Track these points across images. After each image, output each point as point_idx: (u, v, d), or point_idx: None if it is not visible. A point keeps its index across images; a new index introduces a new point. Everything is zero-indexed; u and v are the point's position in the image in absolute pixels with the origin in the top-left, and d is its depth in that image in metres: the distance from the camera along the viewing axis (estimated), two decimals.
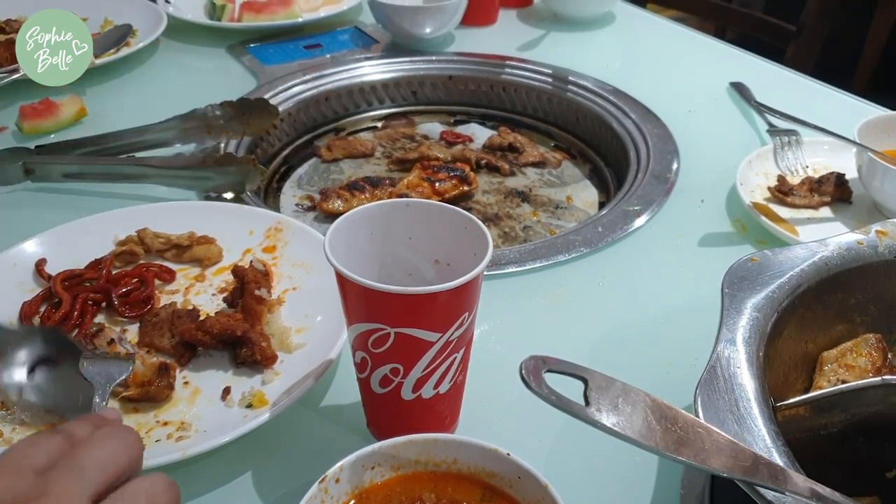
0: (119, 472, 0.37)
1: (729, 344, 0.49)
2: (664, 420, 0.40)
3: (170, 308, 0.70)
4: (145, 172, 0.90)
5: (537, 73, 1.23)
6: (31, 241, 0.76)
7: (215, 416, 0.60)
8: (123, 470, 0.38)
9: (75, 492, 0.35)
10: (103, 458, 0.37)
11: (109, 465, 0.37)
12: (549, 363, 0.41)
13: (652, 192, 0.92)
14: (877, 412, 0.54)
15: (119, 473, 0.37)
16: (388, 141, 1.16)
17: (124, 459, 0.38)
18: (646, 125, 1.07)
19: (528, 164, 1.09)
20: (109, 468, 0.37)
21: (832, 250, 0.57)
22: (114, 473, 0.37)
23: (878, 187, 0.85)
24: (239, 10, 1.34)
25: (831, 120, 0.95)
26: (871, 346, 0.58)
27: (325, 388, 0.65)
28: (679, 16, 2.24)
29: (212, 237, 0.79)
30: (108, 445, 0.38)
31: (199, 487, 0.57)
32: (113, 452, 0.38)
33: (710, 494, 0.55)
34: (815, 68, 1.56)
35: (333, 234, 0.53)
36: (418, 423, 0.56)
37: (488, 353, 0.68)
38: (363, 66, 1.24)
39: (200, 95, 1.03)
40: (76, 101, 1.07)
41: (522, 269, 0.79)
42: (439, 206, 0.57)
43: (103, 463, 0.37)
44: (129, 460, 0.38)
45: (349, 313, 0.54)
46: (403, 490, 0.48)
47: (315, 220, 0.97)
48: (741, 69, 1.24)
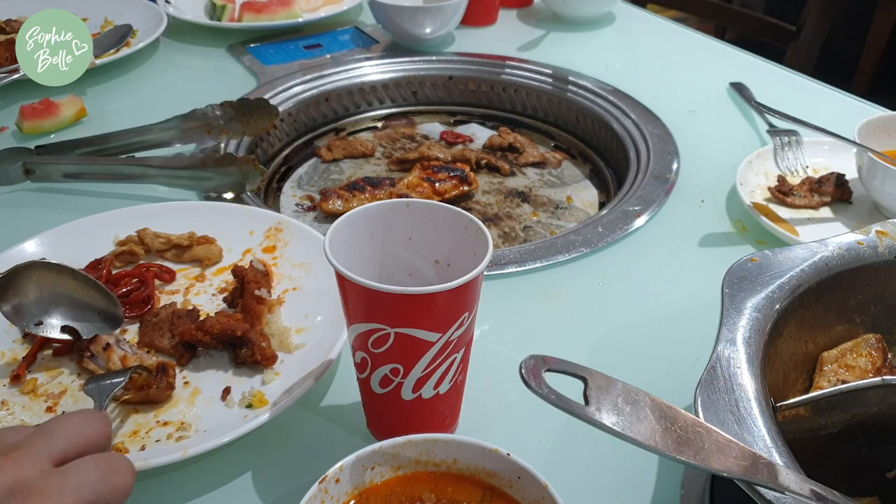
0: (85, 443, 0.41)
1: (729, 344, 0.49)
2: (664, 420, 0.40)
3: (170, 308, 0.70)
4: (145, 172, 0.90)
5: (537, 73, 1.23)
6: (31, 241, 0.76)
7: (215, 417, 0.60)
8: (90, 441, 0.41)
9: (42, 450, 0.38)
10: (70, 427, 0.41)
11: (76, 434, 0.40)
12: (548, 363, 0.41)
13: (652, 193, 0.92)
14: (877, 412, 0.54)
15: (85, 443, 0.41)
16: (388, 141, 1.16)
17: (91, 431, 0.41)
18: (646, 125, 1.07)
19: (528, 165, 1.09)
20: (76, 436, 0.40)
21: (832, 250, 0.57)
22: (81, 442, 0.40)
23: (878, 187, 0.85)
24: (239, 10, 1.34)
25: (831, 120, 0.95)
26: (871, 346, 0.58)
27: (325, 388, 0.65)
28: (679, 16, 2.24)
29: (212, 237, 0.79)
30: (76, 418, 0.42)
31: (199, 487, 0.57)
32: (81, 423, 0.41)
33: (711, 494, 0.55)
34: (815, 68, 1.57)
35: (333, 234, 0.53)
36: (418, 424, 0.56)
37: (488, 353, 0.68)
38: (363, 66, 1.24)
39: (200, 95, 1.04)
40: (76, 101, 1.07)
41: (522, 270, 0.79)
42: (439, 206, 0.57)
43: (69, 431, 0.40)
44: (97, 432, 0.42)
45: (349, 313, 0.54)
46: (403, 490, 0.48)
47: (315, 220, 0.97)
48: (741, 69, 1.24)
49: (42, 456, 0.38)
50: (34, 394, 0.63)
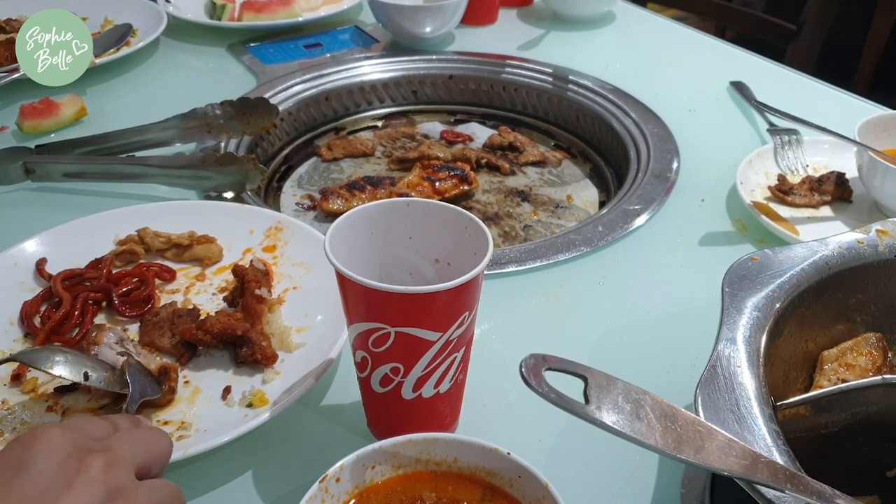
0: (157, 456, 0.43)
1: (729, 343, 0.49)
2: (664, 418, 0.40)
3: (170, 308, 0.70)
4: (145, 172, 0.90)
5: (537, 72, 1.23)
6: (31, 241, 0.76)
7: (215, 416, 0.60)
8: (160, 456, 0.43)
9: (128, 456, 0.40)
10: (147, 440, 0.43)
11: (151, 448, 0.43)
12: (549, 361, 0.41)
13: (652, 192, 0.92)
14: (877, 412, 0.54)
15: (157, 457, 0.43)
16: (388, 140, 1.16)
17: (162, 447, 0.44)
18: (646, 125, 1.07)
19: (528, 164, 1.09)
20: (151, 450, 0.43)
21: (832, 249, 0.57)
22: (154, 456, 0.43)
23: (879, 186, 0.85)
24: (239, 9, 1.34)
25: (831, 119, 0.95)
26: (871, 345, 0.58)
27: (326, 387, 0.65)
28: (679, 15, 2.24)
29: (212, 237, 0.79)
30: (150, 433, 0.45)
31: (199, 487, 0.57)
32: (154, 439, 0.44)
33: (711, 494, 0.55)
34: (815, 68, 1.57)
35: (334, 234, 0.53)
36: (418, 423, 0.56)
37: (488, 353, 0.68)
38: (363, 65, 1.24)
39: (200, 95, 1.04)
40: (76, 100, 1.07)
41: (523, 269, 0.79)
42: (439, 205, 0.57)
43: (147, 444, 0.43)
44: (164, 450, 0.44)
45: (349, 313, 0.54)
46: (404, 489, 0.48)
47: (315, 219, 0.97)
48: (741, 69, 1.24)
49: (131, 465, 0.40)
50: (34, 393, 0.63)
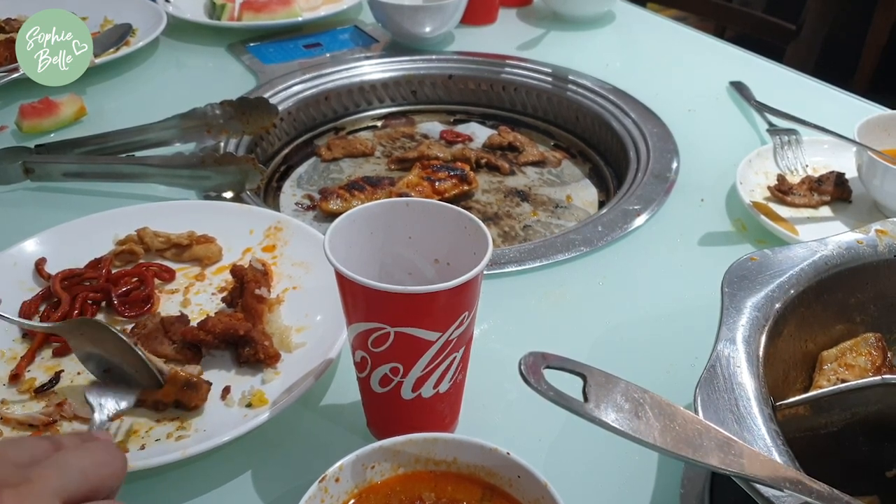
0: (99, 483, 0.37)
1: (729, 343, 0.49)
2: (663, 417, 0.40)
3: (156, 318, 0.68)
4: (145, 171, 0.90)
5: (537, 72, 1.23)
6: (30, 241, 0.76)
7: (215, 416, 0.60)
8: (104, 481, 0.38)
9: (53, 486, 0.35)
10: (85, 464, 0.37)
11: (90, 474, 0.37)
12: (548, 359, 0.41)
13: (652, 192, 0.92)
14: (877, 411, 0.54)
15: (99, 484, 0.37)
16: (387, 140, 1.16)
17: (106, 471, 0.38)
18: (646, 124, 1.07)
19: (527, 164, 1.09)
20: (90, 476, 0.37)
21: (832, 249, 0.57)
22: (94, 482, 0.37)
23: (878, 186, 0.85)
24: (239, 9, 1.34)
25: (831, 119, 0.95)
26: (870, 345, 0.58)
27: (325, 387, 0.65)
28: (679, 15, 2.24)
29: (212, 236, 0.79)
30: (93, 455, 0.38)
31: (199, 487, 0.57)
32: (97, 461, 0.38)
33: (711, 494, 0.55)
34: (815, 67, 1.57)
35: (333, 234, 0.53)
36: (418, 423, 0.56)
37: (488, 353, 0.68)
38: (363, 65, 1.24)
39: (200, 94, 1.03)
40: (76, 100, 1.07)
41: (522, 269, 0.79)
42: (439, 205, 0.57)
43: (85, 469, 0.37)
44: (112, 473, 0.38)
45: (349, 313, 0.54)
46: (403, 489, 0.48)
47: (315, 219, 0.97)
48: (741, 69, 1.24)
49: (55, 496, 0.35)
50: (32, 393, 0.63)
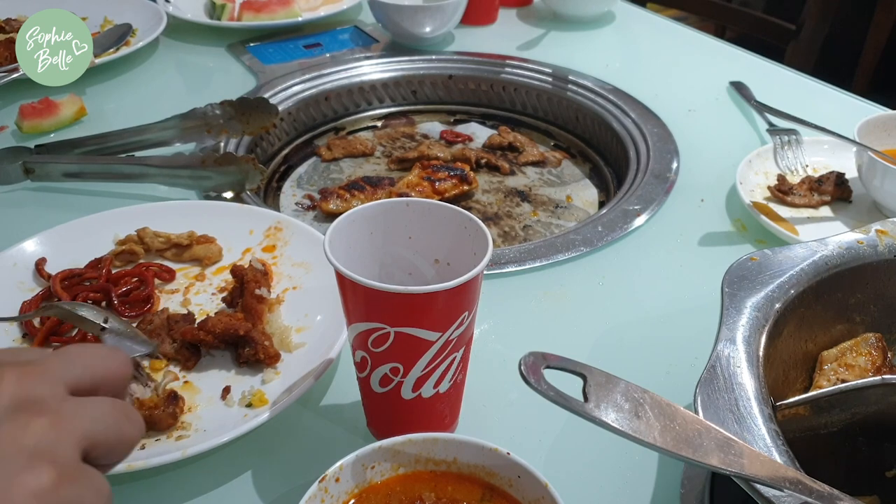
0: (103, 379, 0.37)
1: (729, 343, 0.49)
2: (663, 417, 0.40)
3: (163, 314, 0.69)
4: (145, 172, 0.90)
5: (537, 72, 1.23)
6: (30, 241, 0.76)
7: (215, 416, 0.60)
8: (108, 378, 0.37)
9: (59, 373, 0.35)
10: (91, 358, 0.37)
11: (97, 366, 0.37)
12: (548, 359, 0.41)
13: (652, 192, 0.92)
14: (877, 412, 0.54)
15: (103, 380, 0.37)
16: (387, 140, 1.16)
17: (112, 367, 0.38)
18: (646, 125, 1.07)
19: (528, 164, 1.09)
20: (96, 369, 0.37)
21: (832, 250, 0.57)
22: (99, 376, 0.37)
23: (878, 186, 0.85)
24: (239, 9, 1.34)
25: (831, 119, 0.95)
26: (870, 345, 0.58)
27: (325, 387, 0.65)
28: (679, 15, 2.24)
29: (212, 236, 0.79)
30: (98, 350, 0.39)
31: (199, 487, 0.57)
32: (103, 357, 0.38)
33: (710, 494, 0.55)
34: (814, 67, 1.56)
35: (333, 234, 0.53)
36: (418, 423, 0.56)
37: (488, 353, 0.68)
38: (363, 65, 1.24)
39: (200, 95, 1.04)
40: (76, 100, 1.07)
41: (522, 269, 0.79)
42: (439, 205, 0.57)
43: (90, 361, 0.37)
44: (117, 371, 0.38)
45: (349, 313, 0.54)
46: (403, 489, 0.48)
47: (315, 219, 0.97)
48: (741, 69, 1.24)
49: (58, 379, 0.35)
50: None
